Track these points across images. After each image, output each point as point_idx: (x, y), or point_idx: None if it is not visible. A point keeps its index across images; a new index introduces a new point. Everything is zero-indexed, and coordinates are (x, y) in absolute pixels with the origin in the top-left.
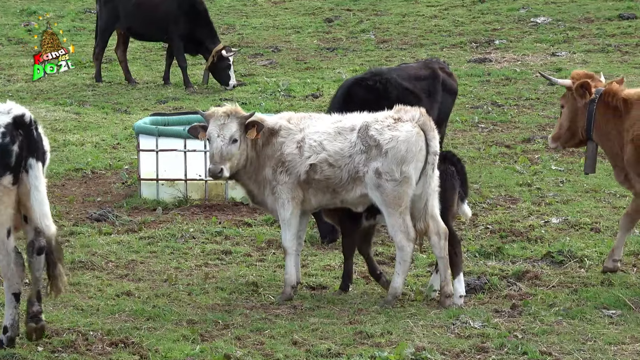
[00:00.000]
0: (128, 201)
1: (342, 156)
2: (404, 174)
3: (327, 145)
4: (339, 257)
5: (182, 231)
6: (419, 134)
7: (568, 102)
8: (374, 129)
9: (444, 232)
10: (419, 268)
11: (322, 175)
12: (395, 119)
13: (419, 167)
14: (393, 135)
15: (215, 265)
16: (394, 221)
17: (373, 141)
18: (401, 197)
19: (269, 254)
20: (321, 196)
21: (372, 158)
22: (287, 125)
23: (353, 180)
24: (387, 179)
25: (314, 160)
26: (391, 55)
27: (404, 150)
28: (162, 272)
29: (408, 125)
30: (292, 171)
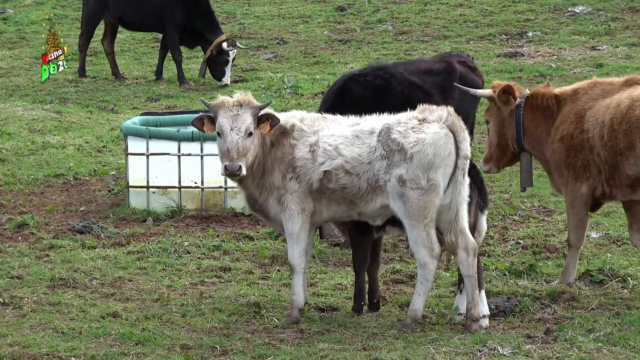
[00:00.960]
0: (115, 211)
1: (361, 162)
2: (431, 182)
3: (343, 150)
4: (351, 274)
5: (176, 245)
6: (447, 136)
7: (492, 115)
8: (396, 131)
9: (473, 248)
10: (442, 288)
11: (337, 184)
12: (420, 119)
13: (448, 173)
14: (418, 138)
15: (212, 283)
16: (417, 235)
17: (396, 145)
18: (427, 207)
19: (273, 271)
20: (335, 207)
21: (394, 164)
22: (300, 126)
23: (373, 190)
24: (412, 187)
25: (328, 167)
26: (411, 49)
27: (431, 154)
28: (153, 291)
29: (435, 126)
30: (303, 178)
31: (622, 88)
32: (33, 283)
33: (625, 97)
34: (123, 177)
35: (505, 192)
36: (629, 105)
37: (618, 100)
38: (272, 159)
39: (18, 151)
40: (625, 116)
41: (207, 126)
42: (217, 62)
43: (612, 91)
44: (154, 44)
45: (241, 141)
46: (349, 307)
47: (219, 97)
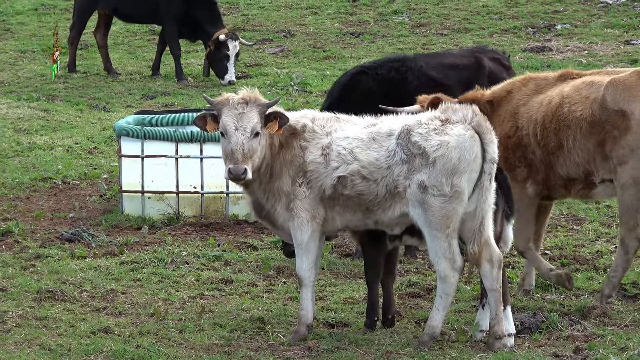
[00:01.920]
0: (107, 218)
1: (378, 167)
2: (455, 188)
3: (359, 154)
4: (363, 287)
5: (173, 255)
6: (473, 138)
7: None
8: (417, 133)
9: (498, 260)
10: (462, 302)
11: (353, 191)
12: (442, 120)
13: (473, 178)
14: (442, 140)
15: (212, 296)
16: (438, 246)
17: (417, 149)
18: (450, 216)
19: (279, 283)
20: (350, 215)
21: (415, 169)
22: (312, 127)
23: (391, 197)
24: (434, 194)
25: (343, 172)
26: (429, 42)
27: (455, 158)
28: (148, 305)
29: (459, 127)
30: (314, 184)
31: (555, 83)
32: (18, 296)
33: (556, 93)
34: (116, 181)
35: None
36: (559, 103)
37: (550, 97)
38: (280, 162)
39: (2, 152)
40: (555, 114)
41: (210, 125)
42: (218, 58)
43: (546, 87)
44: (150, 37)
45: (247, 142)
46: (361, 323)
47: (223, 94)
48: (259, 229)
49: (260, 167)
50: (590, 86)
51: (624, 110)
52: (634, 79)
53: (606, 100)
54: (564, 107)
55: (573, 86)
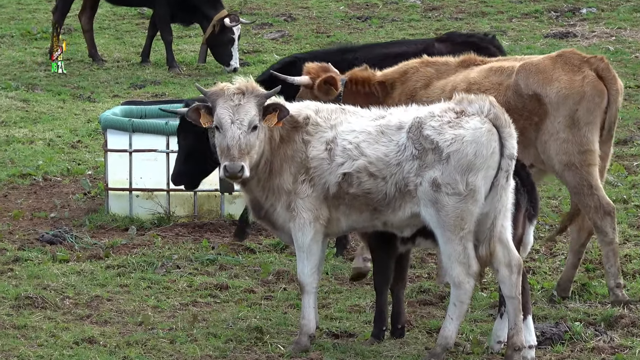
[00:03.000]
0: (91, 218)
1: (387, 164)
2: (470, 186)
3: (366, 148)
4: (370, 294)
5: (163, 259)
6: (490, 132)
7: None
8: (429, 126)
9: (518, 264)
10: (478, 310)
11: (359, 189)
12: (457, 112)
13: (490, 175)
14: (456, 134)
15: (206, 304)
16: (452, 249)
17: (429, 143)
18: (464, 216)
19: (279, 289)
20: (356, 216)
21: (427, 165)
22: (315, 119)
23: (401, 196)
24: (448, 193)
25: (348, 169)
26: (443, 27)
27: (471, 154)
28: (136, 313)
29: (475, 120)
30: (317, 181)
31: (457, 69)
32: None
33: (461, 79)
34: (101, 178)
35: (553, 198)
36: (466, 89)
37: (454, 82)
38: (280, 157)
39: None
40: None
41: (204, 118)
42: (221, 43)
43: (448, 72)
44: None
45: (244, 136)
46: (368, 333)
47: (218, 84)
48: (257, 231)
49: (259, 163)
50: (500, 72)
51: (538, 94)
52: (547, 62)
53: (520, 85)
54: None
55: (480, 72)
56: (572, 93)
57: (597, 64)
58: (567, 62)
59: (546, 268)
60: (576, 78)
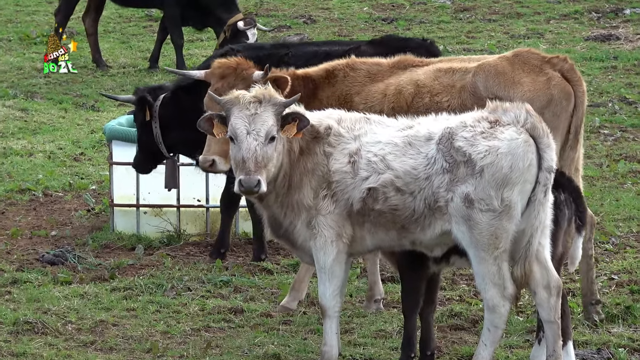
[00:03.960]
0: (95, 236)
1: (416, 178)
2: (505, 202)
3: (392, 161)
4: (397, 318)
5: (173, 280)
6: (527, 143)
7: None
8: (461, 137)
9: (557, 286)
10: (514, 335)
11: (385, 205)
12: (491, 122)
13: (527, 190)
14: (491, 146)
15: (220, 329)
16: (485, 270)
17: (461, 155)
18: (499, 234)
19: (298, 314)
20: (382, 234)
21: (459, 179)
22: (337, 129)
23: (431, 212)
24: (482, 209)
25: (373, 183)
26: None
27: (506, 167)
28: (144, 339)
29: (511, 130)
30: (340, 197)
31: (394, 71)
32: None
33: (406, 81)
34: (106, 193)
35: (595, 213)
36: (415, 93)
37: (398, 85)
38: (300, 170)
39: None
40: (412, 105)
41: (218, 128)
42: None
43: (382, 74)
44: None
45: (260, 148)
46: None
47: (233, 92)
48: (274, 249)
49: (277, 177)
50: (451, 73)
51: (501, 98)
52: (505, 64)
53: (478, 88)
54: (424, 97)
55: (428, 73)
56: (538, 96)
57: (560, 65)
58: (526, 62)
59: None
60: (540, 79)
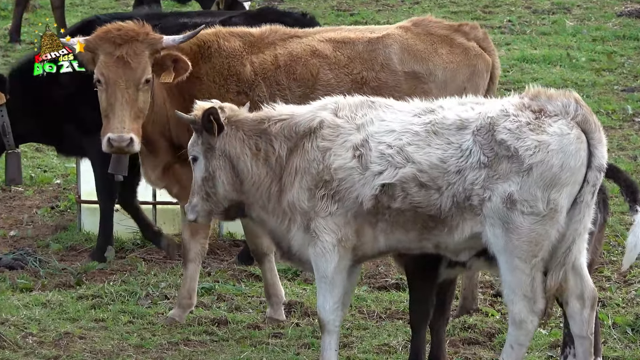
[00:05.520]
0: (60, 237)
1: (444, 171)
2: (551, 205)
3: (414, 152)
4: (403, 331)
5: (148, 287)
6: (579, 140)
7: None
8: (504, 129)
9: (592, 297)
10: (535, 351)
11: (405, 203)
12: (535, 111)
13: (574, 192)
14: (541, 141)
15: (201, 342)
16: (518, 280)
17: (505, 150)
18: (539, 241)
19: (289, 325)
20: (401, 235)
21: (500, 177)
22: (333, 121)
23: (460, 212)
24: (524, 212)
25: (390, 179)
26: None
27: (557, 166)
28: (115, 354)
29: (561, 123)
30: (346, 196)
31: (272, 41)
32: None
33: (302, 52)
34: (72, 189)
35: (627, 214)
36: (319, 65)
37: (290, 56)
38: (290, 171)
39: None
40: (318, 78)
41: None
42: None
43: (260, 44)
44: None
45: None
46: None
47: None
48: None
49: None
50: (351, 44)
51: (417, 72)
52: (412, 35)
53: (392, 59)
54: (332, 68)
55: (323, 45)
56: (460, 68)
57: (474, 33)
58: (432, 32)
59: (619, 299)
60: (457, 50)
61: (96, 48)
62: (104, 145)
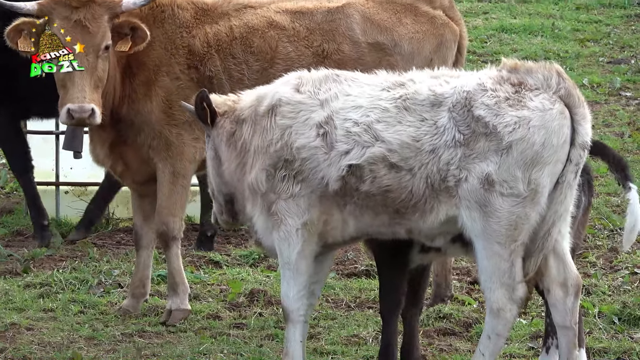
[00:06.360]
0: (5, 221)
1: (417, 151)
2: (532, 185)
3: (383, 130)
4: (373, 321)
5: (101, 275)
6: (562, 115)
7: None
8: (482, 104)
9: (576, 284)
10: (515, 342)
11: (375, 186)
12: (514, 84)
13: (557, 171)
14: (521, 117)
15: (157, 333)
16: (495, 266)
17: (483, 126)
18: (519, 225)
19: (252, 315)
20: (370, 219)
21: (478, 156)
22: (293, 97)
23: (434, 194)
24: (503, 193)
25: (357, 159)
26: None
27: (538, 143)
28: (65, 346)
29: (542, 98)
30: (310, 177)
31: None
32: None
33: (258, 24)
34: None
35: (613, 195)
36: (278, 37)
37: (247, 27)
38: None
39: None
40: (277, 50)
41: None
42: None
43: (220, 16)
44: None
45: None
46: None
47: None
48: (225, 239)
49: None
50: (309, 15)
51: (382, 43)
52: (373, 4)
53: (354, 30)
54: (292, 40)
55: (279, 15)
56: (427, 38)
57: (439, 1)
58: (395, 0)
59: (605, 286)
60: (422, 19)
61: (51, 12)
62: (62, 117)
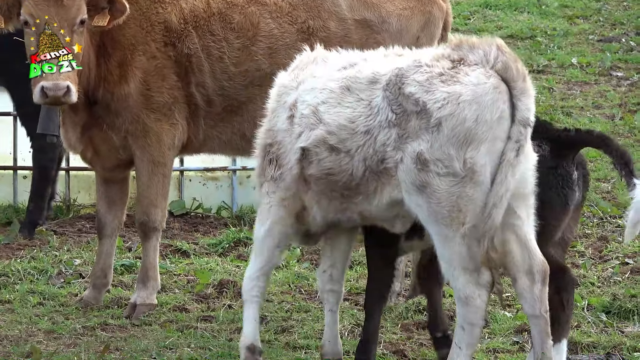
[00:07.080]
0: None
1: (353, 132)
2: (468, 164)
3: (325, 112)
4: (349, 314)
5: (61, 264)
6: (496, 89)
7: None
8: (413, 81)
9: (542, 271)
10: (499, 336)
11: (319, 169)
12: (453, 60)
13: (497, 149)
14: (450, 92)
15: (121, 327)
16: (451, 251)
17: (413, 104)
18: (462, 206)
19: (221, 307)
20: (326, 204)
21: (410, 135)
22: (281, 80)
23: (374, 176)
24: (439, 173)
25: (304, 142)
26: None
27: (470, 119)
28: (23, 340)
29: (478, 72)
30: (283, 159)
31: None
32: None
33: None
34: None
35: (604, 180)
36: (259, 13)
37: (225, 2)
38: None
39: None
40: (259, 27)
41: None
42: None
43: None
44: None
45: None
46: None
47: None
48: (192, 226)
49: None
50: None
51: (368, 20)
52: None
53: (340, 6)
54: (274, 16)
55: None
56: (415, 15)
57: None
58: None
59: (594, 277)
60: None
61: None
62: (36, 96)
